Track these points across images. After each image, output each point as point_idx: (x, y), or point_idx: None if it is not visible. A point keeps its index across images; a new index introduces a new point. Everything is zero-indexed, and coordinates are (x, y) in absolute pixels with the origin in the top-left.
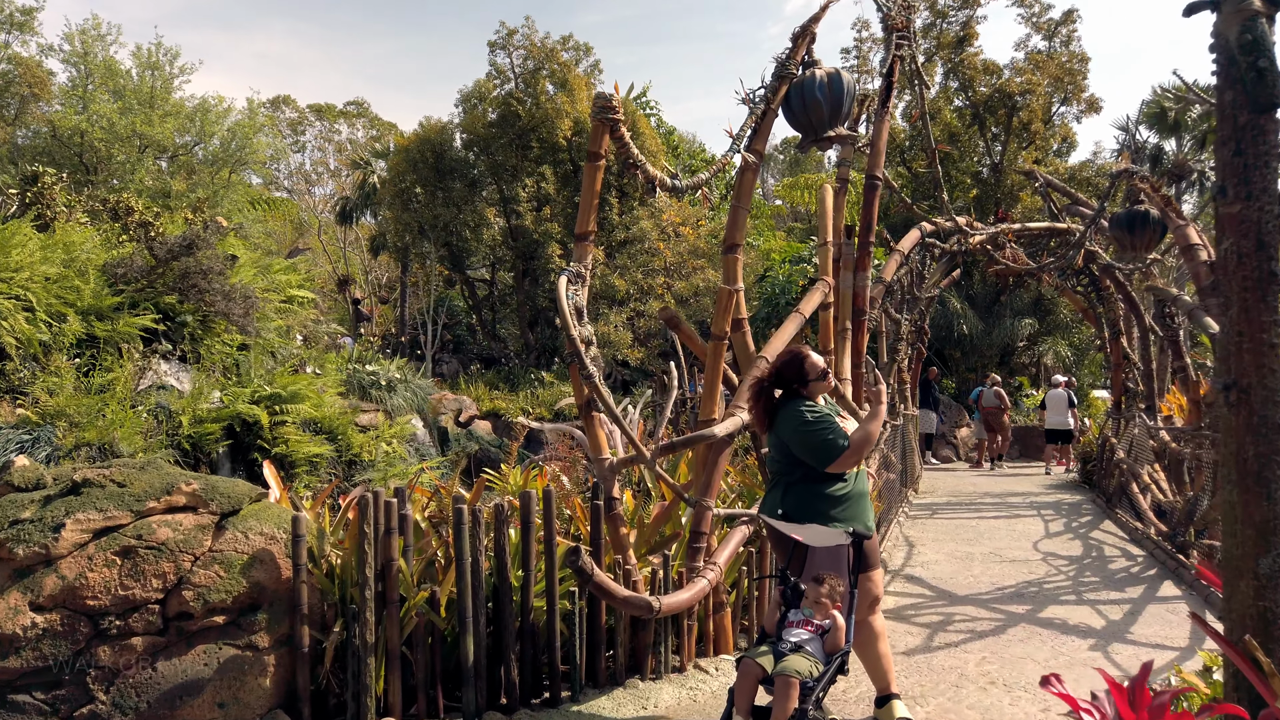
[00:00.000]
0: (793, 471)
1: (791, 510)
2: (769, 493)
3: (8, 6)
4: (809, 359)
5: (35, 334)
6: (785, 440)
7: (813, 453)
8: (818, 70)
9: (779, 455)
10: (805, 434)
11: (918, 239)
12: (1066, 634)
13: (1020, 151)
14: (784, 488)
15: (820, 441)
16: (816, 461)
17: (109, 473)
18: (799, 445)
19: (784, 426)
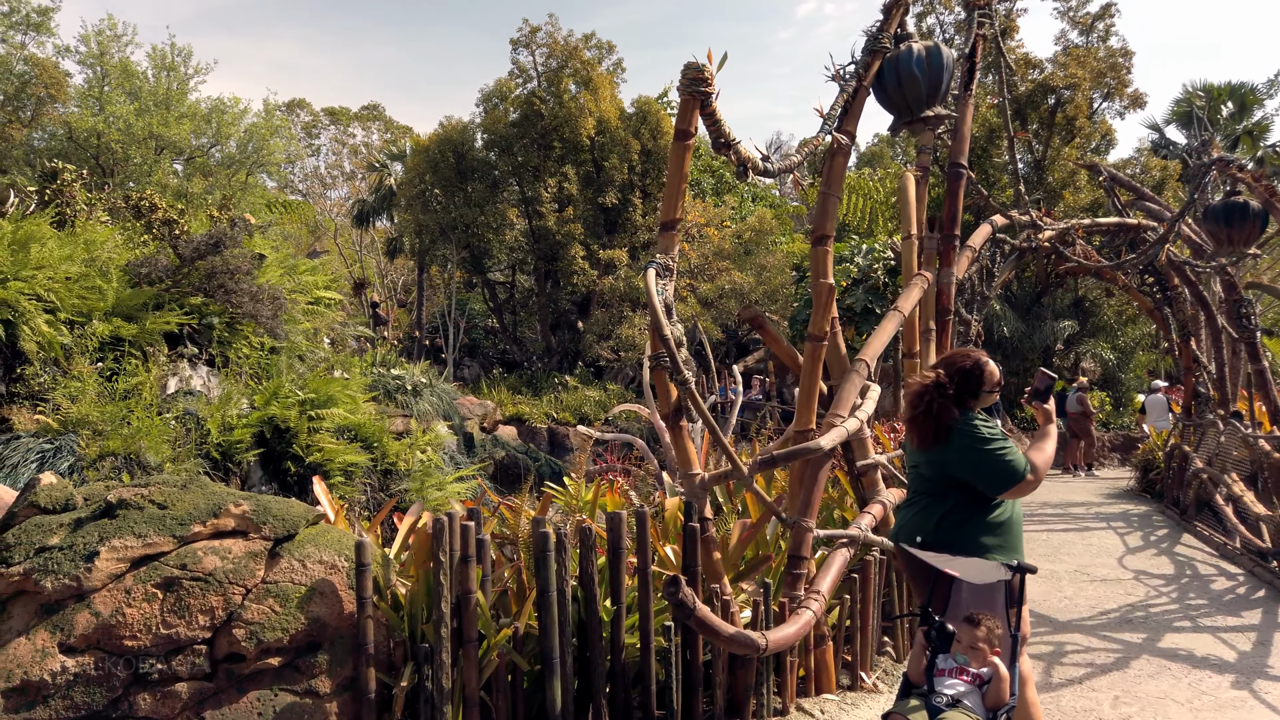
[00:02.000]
0: (945, 495)
1: (946, 539)
2: (905, 515)
3: (24, 7)
4: (989, 367)
5: (56, 337)
6: (947, 459)
7: (990, 476)
8: (915, 44)
9: (932, 475)
10: (983, 454)
11: (989, 234)
12: (1199, 667)
13: (1062, 148)
14: (932, 513)
15: (1001, 464)
16: (990, 486)
17: (147, 492)
18: (971, 466)
19: (951, 444)
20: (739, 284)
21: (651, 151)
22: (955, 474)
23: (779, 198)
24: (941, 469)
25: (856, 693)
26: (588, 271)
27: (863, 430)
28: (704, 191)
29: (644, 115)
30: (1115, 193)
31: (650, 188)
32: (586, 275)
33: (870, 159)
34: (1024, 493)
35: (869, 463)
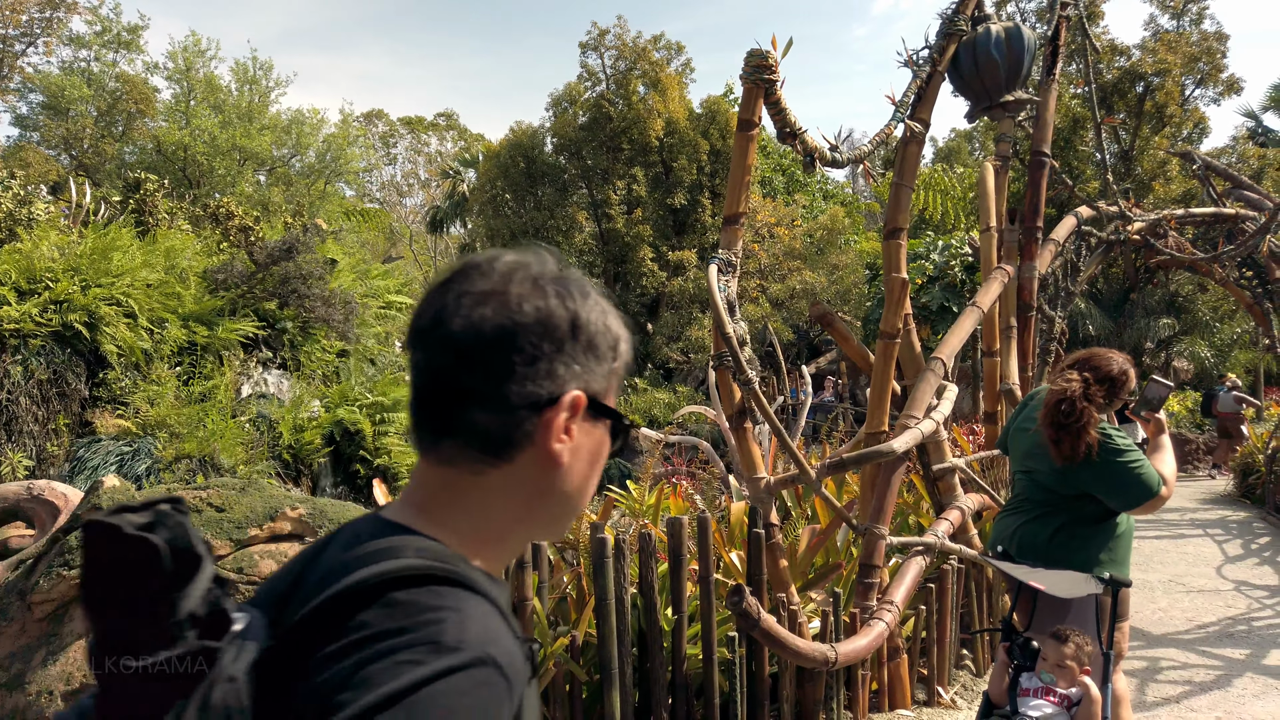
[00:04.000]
0: (1064, 506)
1: (1059, 552)
2: (1010, 523)
3: (115, 27)
4: (1132, 372)
5: (137, 342)
6: (1079, 472)
7: (1123, 489)
8: (993, 25)
9: (1052, 484)
10: (1119, 468)
11: (1074, 226)
12: None
13: (1152, 137)
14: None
15: (1138, 480)
16: (1124, 502)
17: (206, 495)
18: (1106, 481)
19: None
20: (810, 284)
21: (720, 151)
22: (1084, 487)
23: (852, 195)
24: (1065, 478)
25: (933, 709)
26: (656, 273)
27: (939, 432)
28: (775, 190)
29: (713, 115)
30: (1210, 181)
31: (719, 188)
32: (655, 277)
33: (947, 154)
34: (1155, 508)
35: (946, 466)
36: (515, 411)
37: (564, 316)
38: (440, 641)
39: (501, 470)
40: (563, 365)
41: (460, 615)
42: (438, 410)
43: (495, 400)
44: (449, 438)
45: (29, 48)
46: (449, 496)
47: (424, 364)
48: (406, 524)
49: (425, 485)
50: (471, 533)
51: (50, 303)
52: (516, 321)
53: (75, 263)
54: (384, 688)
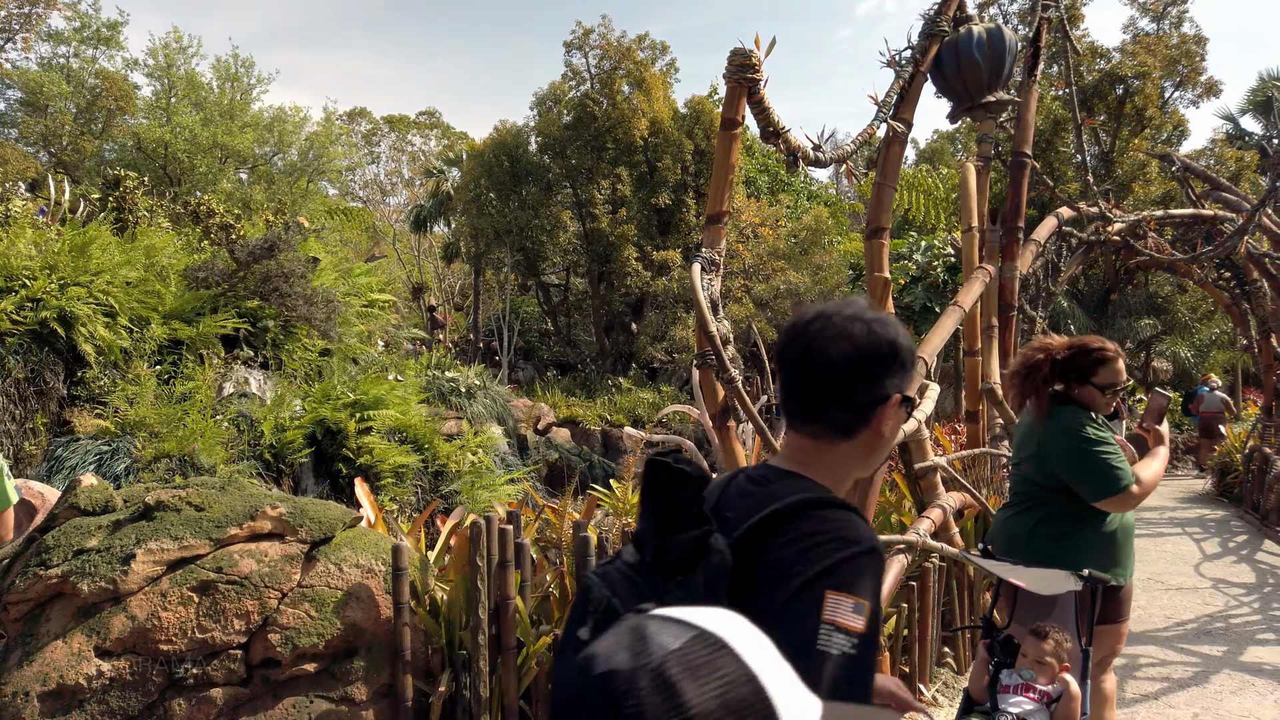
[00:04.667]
0: (1040, 499)
1: (1041, 549)
2: (1000, 518)
3: (94, 23)
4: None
5: (115, 340)
6: (1051, 457)
7: (1088, 478)
8: (975, 26)
9: (1035, 475)
10: (1087, 455)
11: (1055, 227)
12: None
13: (1131, 139)
14: (1028, 518)
15: (1104, 467)
16: (1088, 489)
17: (185, 494)
18: (1072, 466)
19: (1056, 436)
20: (794, 284)
21: (705, 151)
22: (1057, 473)
23: (835, 195)
24: (1043, 467)
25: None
26: (641, 273)
27: (921, 431)
28: (759, 190)
29: (697, 115)
30: (1189, 183)
31: (704, 188)
32: (640, 277)
33: (931, 155)
34: (1124, 507)
35: (927, 465)
36: (860, 410)
37: (887, 343)
38: (848, 537)
39: (848, 442)
40: (888, 377)
41: (852, 523)
42: (808, 408)
43: (848, 404)
44: (814, 423)
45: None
46: (815, 457)
47: (796, 380)
48: (794, 471)
49: (798, 448)
50: (829, 477)
51: (27, 300)
52: (860, 351)
53: (53, 260)
54: (822, 563)
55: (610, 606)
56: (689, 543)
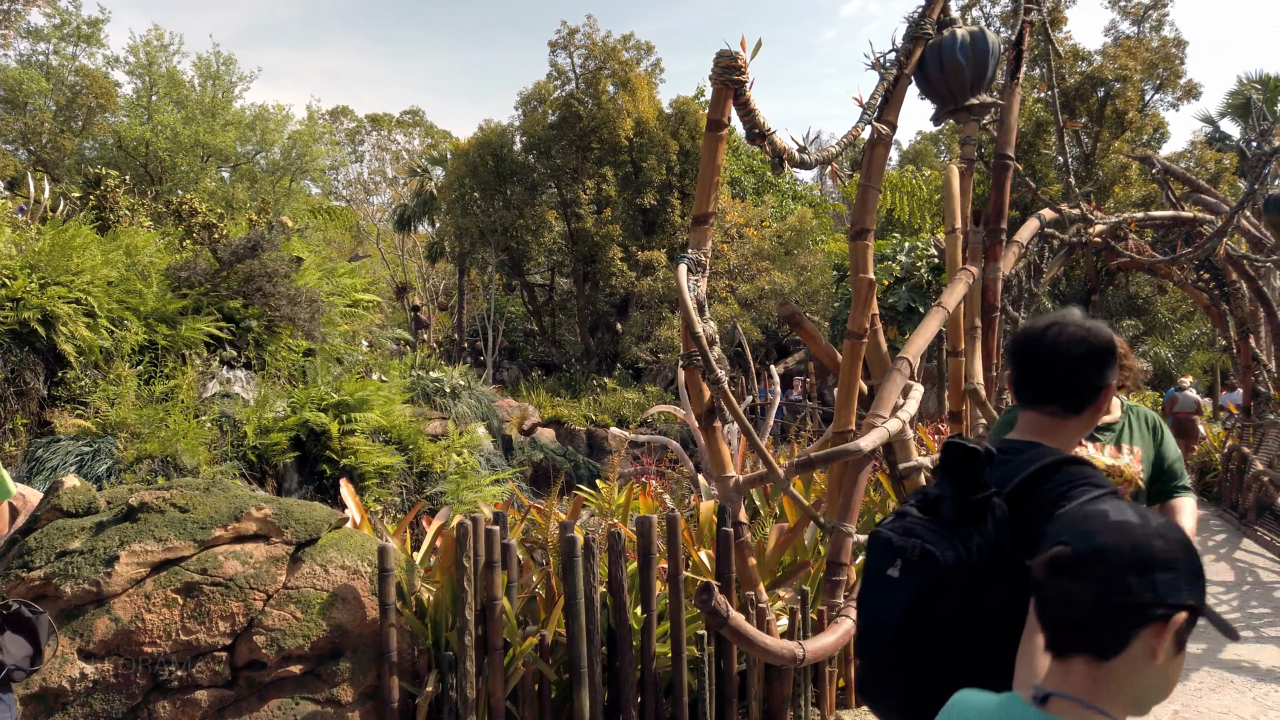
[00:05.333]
0: None
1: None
2: None
3: (74, 20)
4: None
5: (96, 340)
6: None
7: None
8: (958, 29)
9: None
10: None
11: (1037, 229)
12: (1264, 680)
13: (1112, 141)
14: None
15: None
16: None
17: (169, 495)
18: None
19: None
20: (779, 284)
21: (690, 152)
22: None
23: (820, 196)
24: None
25: None
26: (626, 273)
27: (905, 431)
28: (744, 190)
29: (682, 116)
30: (1169, 185)
31: (689, 188)
32: (625, 277)
33: (914, 156)
34: None
35: (912, 465)
36: (1090, 394)
37: (1108, 342)
38: (1094, 482)
39: (1076, 419)
40: (1108, 369)
41: (1093, 474)
42: (1047, 393)
43: (1079, 389)
44: (1053, 404)
45: None
46: (1051, 430)
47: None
48: (1035, 441)
49: (1037, 424)
50: (1063, 444)
51: (7, 300)
52: (1092, 349)
53: (33, 260)
54: (1080, 499)
55: (925, 551)
56: (981, 501)
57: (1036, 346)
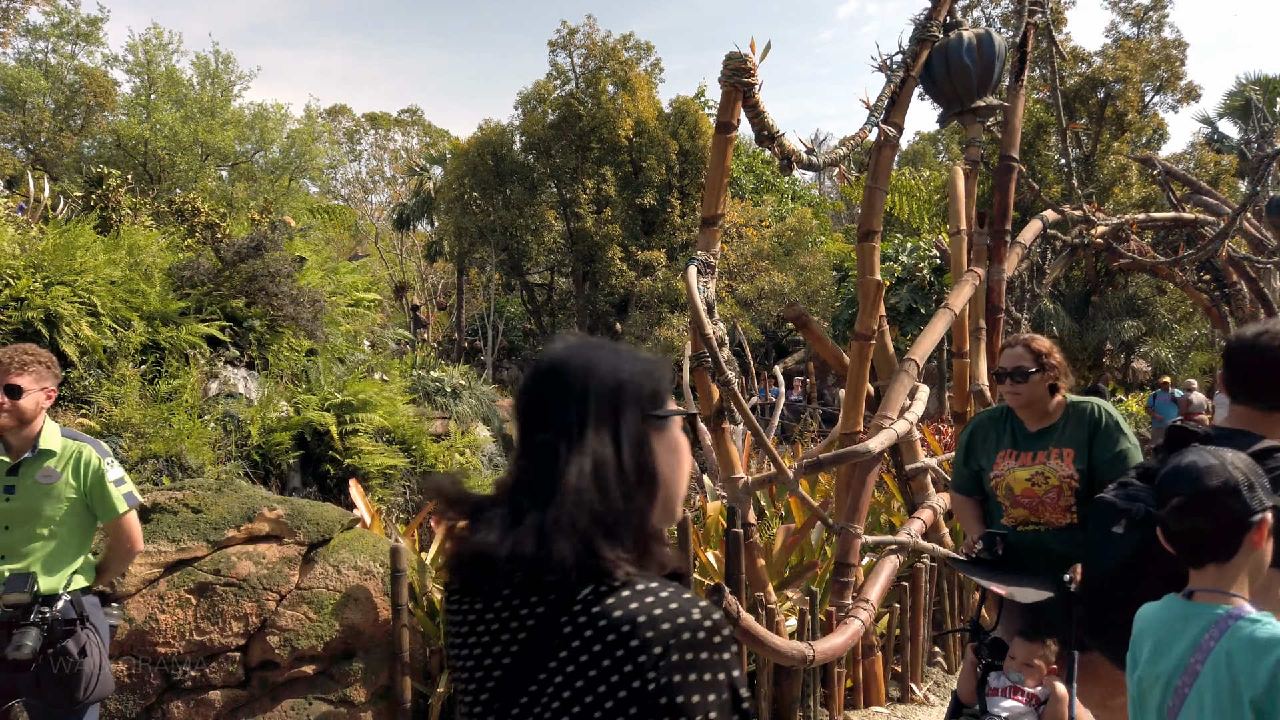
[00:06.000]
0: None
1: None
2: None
3: (74, 18)
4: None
5: (100, 340)
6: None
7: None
8: (965, 32)
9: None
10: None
11: (1040, 230)
12: None
13: (1112, 142)
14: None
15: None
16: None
17: (182, 496)
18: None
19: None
20: (778, 284)
21: (689, 152)
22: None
23: (819, 196)
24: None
25: (906, 705)
26: (626, 273)
27: (912, 432)
28: (743, 190)
29: (682, 115)
30: (1171, 187)
31: (688, 188)
32: (624, 277)
33: (913, 157)
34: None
35: (919, 466)
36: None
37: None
38: None
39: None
40: None
41: None
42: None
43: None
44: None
45: None
46: (1259, 422)
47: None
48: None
49: (1247, 417)
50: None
51: (11, 300)
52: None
53: (37, 259)
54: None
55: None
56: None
57: (1248, 352)
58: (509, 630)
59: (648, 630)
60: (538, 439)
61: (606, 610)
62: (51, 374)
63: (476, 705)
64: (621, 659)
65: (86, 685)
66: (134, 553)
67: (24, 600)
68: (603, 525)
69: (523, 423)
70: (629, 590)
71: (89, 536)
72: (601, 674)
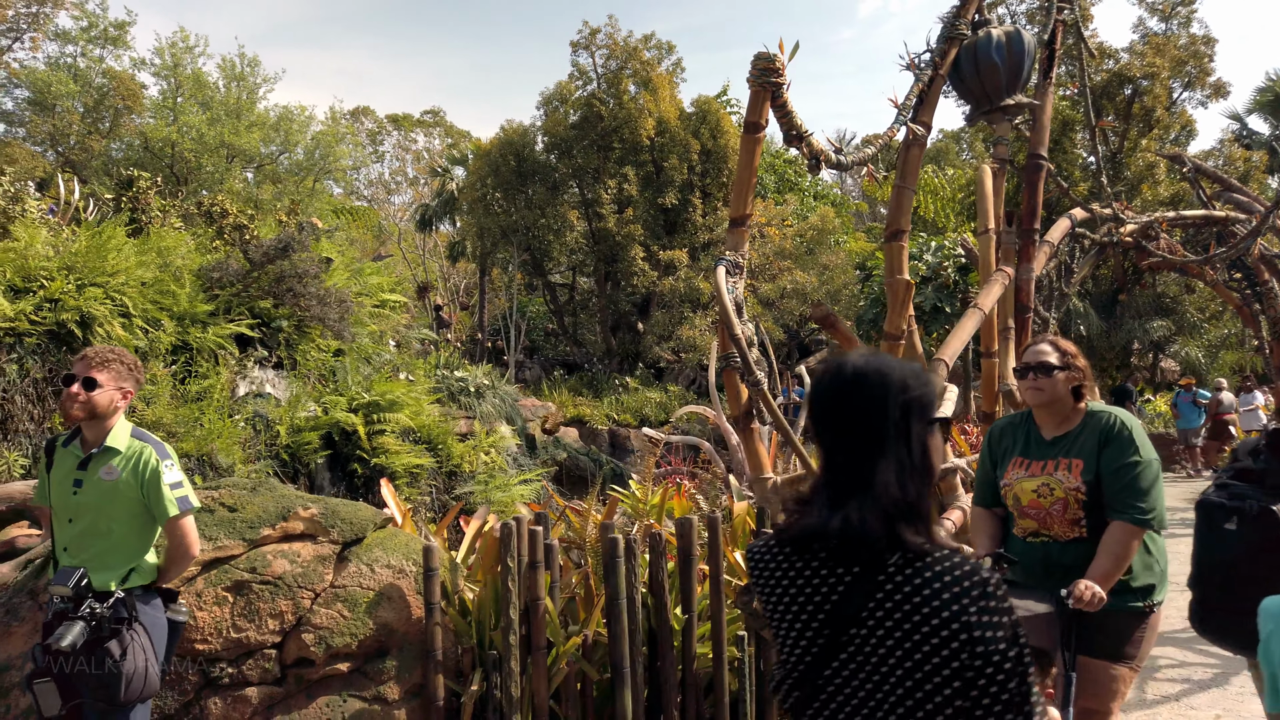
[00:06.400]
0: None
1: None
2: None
3: (101, 22)
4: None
5: (132, 340)
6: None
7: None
8: (994, 29)
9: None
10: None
11: (1068, 229)
12: None
13: (1140, 140)
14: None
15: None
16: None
17: (218, 495)
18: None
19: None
20: (801, 284)
21: (711, 151)
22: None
23: (841, 195)
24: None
25: None
26: (647, 273)
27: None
28: (765, 190)
29: (704, 115)
30: (1200, 184)
31: (710, 188)
32: (646, 276)
33: (936, 155)
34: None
35: (948, 467)
36: None
37: None
38: None
39: None
40: None
41: None
42: None
43: None
44: None
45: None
46: None
47: None
48: None
49: None
50: None
51: (45, 301)
52: None
53: (70, 261)
54: None
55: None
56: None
57: None
58: (828, 585)
59: (952, 586)
60: (845, 442)
61: (916, 572)
62: (131, 376)
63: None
64: (936, 608)
65: (126, 686)
66: (189, 556)
67: (65, 593)
68: (902, 511)
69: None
70: (930, 557)
71: (148, 537)
72: (920, 619)
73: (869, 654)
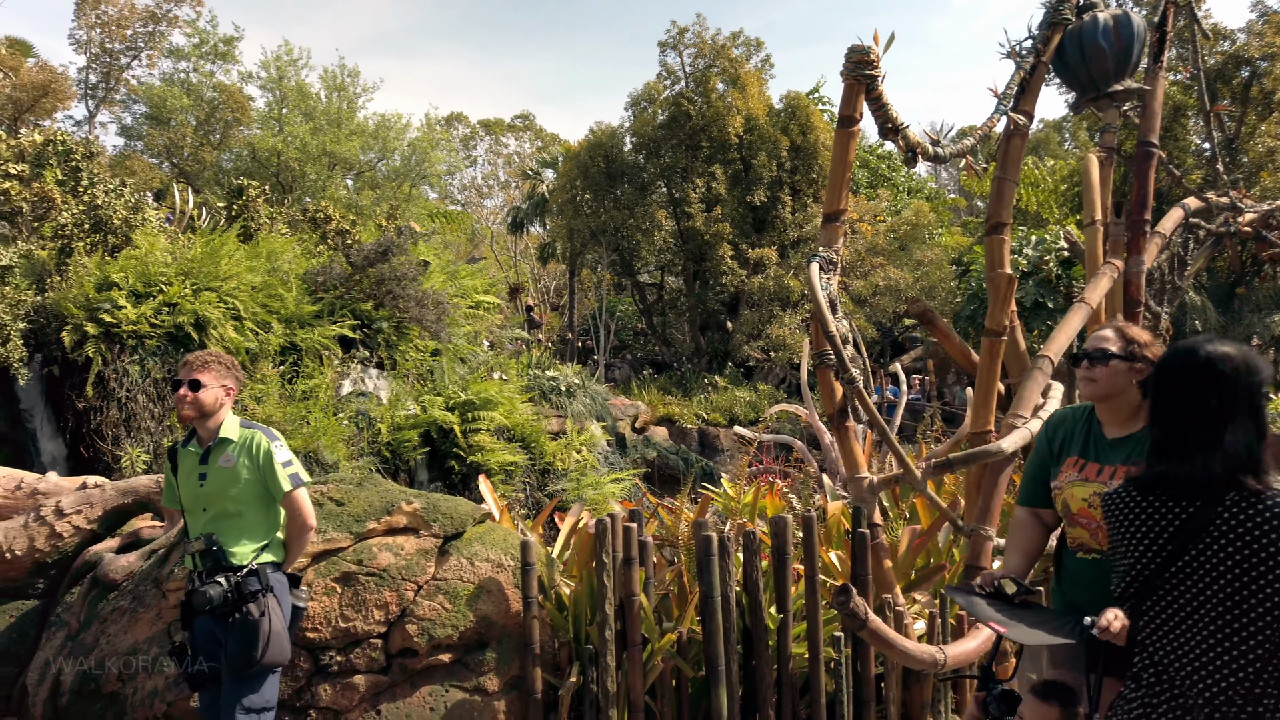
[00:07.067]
0: None
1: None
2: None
3: (212, 39)
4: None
5: (243, 342)
6: None
7: None
8: (1100, 13)
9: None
10: None
11: (1181, 219)
12: None
13: (1259, 124)
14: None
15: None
16: None
17: (326, 489)
18: None
19: None
20: (894, 280)
21: (801, 147)
22: None
23: (936, 189)
24: None
25: None
26: (736, 271)
27: None
28: (858, 185)
29: (793, 111)
30: None
31: (799, 184)
32: (735, 275)
33: (1036, 146)
34: None
35: None
36: None
37: None
38: None
39: None
40: None
41: None
42: None
43: None
44: None
45: (133, 61)
46: None
47: None
48: None
49: None
50: None
51: (164, 305)
52: None
53: (187, 267)
54: None
55: None
56: None
57: None
58: (1172, 513)
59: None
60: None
61: (1250, 505)
62: (231, 374)
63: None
64: (1266, 530)
65: (264, 646)
66: (307, 527)
67: (200, 547)
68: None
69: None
70: (1264, 498)
71: (273, 515)
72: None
73: (1202, 563)
